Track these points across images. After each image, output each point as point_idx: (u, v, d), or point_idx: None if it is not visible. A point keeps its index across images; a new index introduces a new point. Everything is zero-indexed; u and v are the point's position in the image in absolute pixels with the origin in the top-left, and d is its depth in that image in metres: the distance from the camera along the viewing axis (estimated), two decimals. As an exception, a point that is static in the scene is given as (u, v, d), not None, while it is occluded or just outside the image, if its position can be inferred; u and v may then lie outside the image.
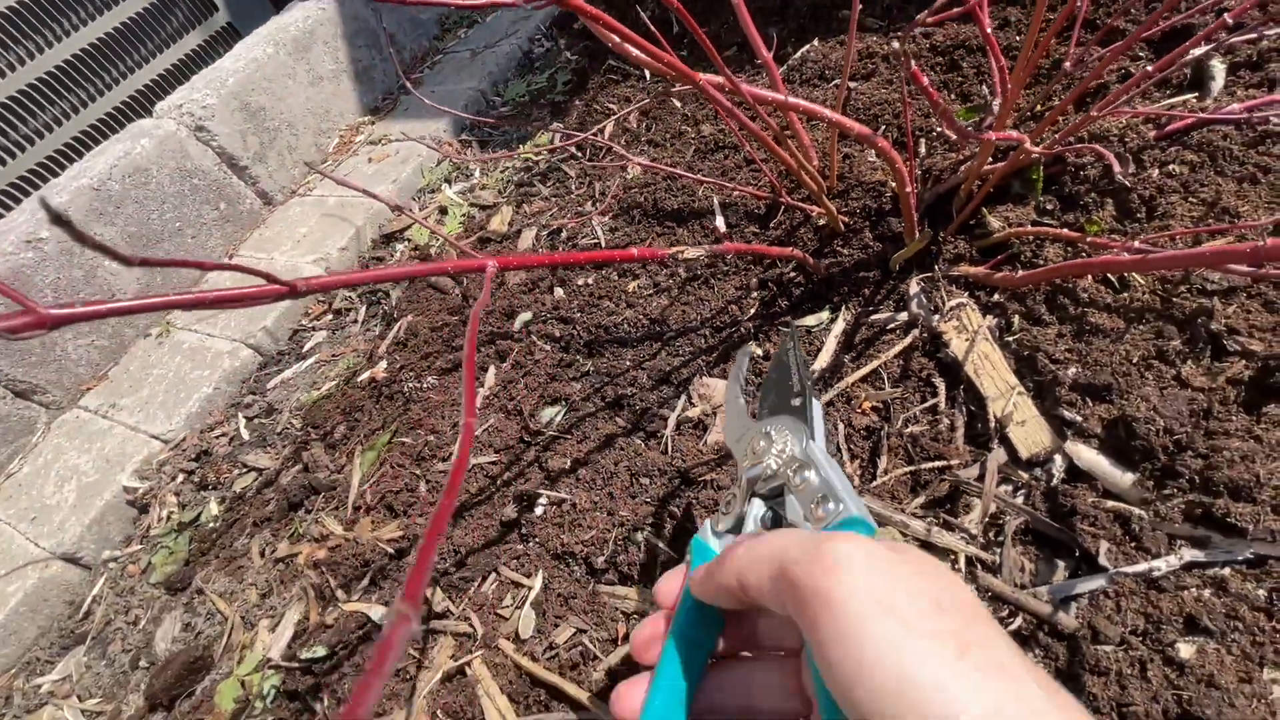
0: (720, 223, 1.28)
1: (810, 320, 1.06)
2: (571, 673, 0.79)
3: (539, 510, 0.94)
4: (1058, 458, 0.76)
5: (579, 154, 1.65)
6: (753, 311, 1.12)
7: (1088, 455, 0.74)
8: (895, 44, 0.49)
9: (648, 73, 1.78)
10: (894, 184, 1.04)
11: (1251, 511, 0.64)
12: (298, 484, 1.16)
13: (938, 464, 0.81)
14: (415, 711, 0.81)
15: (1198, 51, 0.71)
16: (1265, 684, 0.58)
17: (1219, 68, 0.99)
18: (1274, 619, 0.60)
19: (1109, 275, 0.87)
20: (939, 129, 1.17)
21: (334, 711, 0.85)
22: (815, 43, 1.52)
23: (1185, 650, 0.60)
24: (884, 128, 1.24)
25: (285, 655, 0.94)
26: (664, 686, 0.40)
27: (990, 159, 0.96)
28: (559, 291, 1.29)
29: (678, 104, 1.61)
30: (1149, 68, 0.75)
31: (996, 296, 0.93)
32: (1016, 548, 0.72)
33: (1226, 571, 0.64)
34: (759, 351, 1.05)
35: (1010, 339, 0.88)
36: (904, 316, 0.98)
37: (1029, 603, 0.67)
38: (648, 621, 0.45)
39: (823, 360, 0.98)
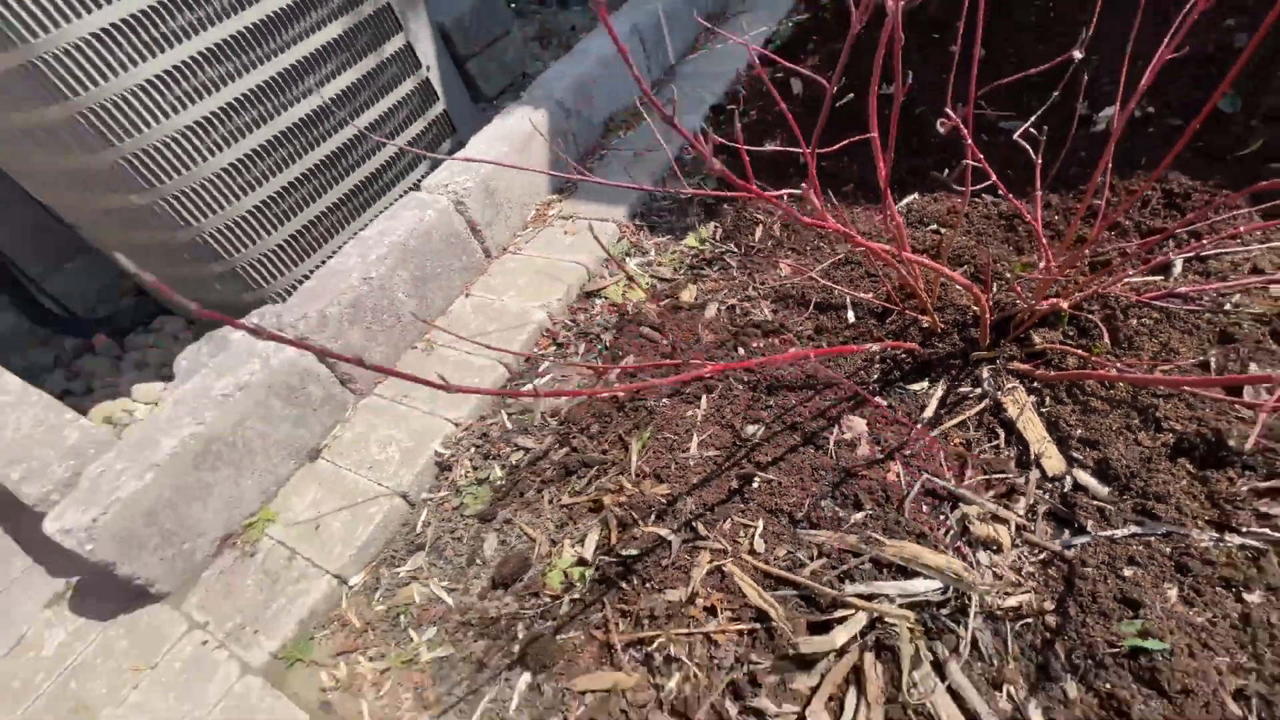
0: (851, 315, 1.94)
1: (915, 386, 1.70)
2: (790, 572, 1.41)
3: (754, 484, 1.58)
4: (1068, 477, 1.39)
5: (736, 249, 2.32)
6: (876, 376, 1.77)
7: (1084, 477, 1.37)
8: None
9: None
10: (976, 309, 1.70)
11: (1165, 509, 1.27)
12: (574, 459, 1.80)
13: (1000, 475, 1.44)
14: (694, 589, 1.43)
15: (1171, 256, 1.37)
16: (1165, 589, 1.20)
17: (1179, 262, 1.65)
18: (1172, 560, 1.22)
19: (1103, 381, 1.51)
20: (1006, 273, 1.83)
21: (641, 587, 1.48)
22: (916, 195, 2.20)
23: (1127, 571, 1.22)
24: (964, 265, 1.91)
25: (596, 555, 1.57)
26: None
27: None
28: (740, 350, 1.94)
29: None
30: (1139, 267, 1.40)
31: (1036, 384, 1.58)
32: (1044, 521, 1.35)
33: (1152, 538, 1.26)
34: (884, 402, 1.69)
35: (1044, 410, 1.52)
36: (978, 391, 1.62)
37: (1050, 546, 1.29)
38: None
39: (929, 412, 1.61)
